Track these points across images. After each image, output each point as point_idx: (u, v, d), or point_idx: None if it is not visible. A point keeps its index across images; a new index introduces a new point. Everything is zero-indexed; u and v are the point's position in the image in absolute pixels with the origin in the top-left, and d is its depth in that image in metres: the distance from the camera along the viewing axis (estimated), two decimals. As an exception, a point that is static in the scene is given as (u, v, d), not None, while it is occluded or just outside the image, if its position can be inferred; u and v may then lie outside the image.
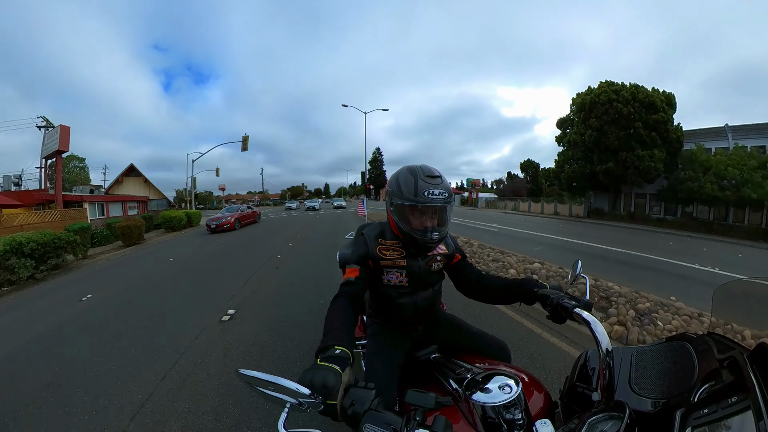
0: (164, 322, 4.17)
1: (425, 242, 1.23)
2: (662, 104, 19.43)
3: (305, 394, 0.67)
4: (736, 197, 16.55)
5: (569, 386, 0.98)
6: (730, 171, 16.74)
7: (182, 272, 7.23)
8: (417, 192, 1.16)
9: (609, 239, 12.67)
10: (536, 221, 21.30)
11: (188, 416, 2.34)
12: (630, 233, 15.76)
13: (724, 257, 9.68)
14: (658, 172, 19.77)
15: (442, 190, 1.18)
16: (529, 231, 15.07)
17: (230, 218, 16.13)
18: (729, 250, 11.93)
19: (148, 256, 10.05)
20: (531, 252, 8.33)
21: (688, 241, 14.08)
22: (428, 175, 1.19)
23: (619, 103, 19.43)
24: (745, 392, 0.53)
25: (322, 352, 0.86)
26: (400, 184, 1.22)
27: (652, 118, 19.14)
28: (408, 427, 0.66)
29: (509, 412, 0.87)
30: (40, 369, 3.11)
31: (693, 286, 5.76)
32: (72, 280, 7.29)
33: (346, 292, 1.17)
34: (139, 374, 2.90)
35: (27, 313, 5.02)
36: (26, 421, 2.37)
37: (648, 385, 0.78)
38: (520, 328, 3.65)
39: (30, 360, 3.32)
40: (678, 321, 3.60)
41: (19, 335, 4.02)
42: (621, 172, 20.47)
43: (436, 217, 1.24)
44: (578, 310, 1.00)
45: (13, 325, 4.45)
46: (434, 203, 1.17)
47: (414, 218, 1.23)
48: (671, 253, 9.73)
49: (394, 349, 1.36)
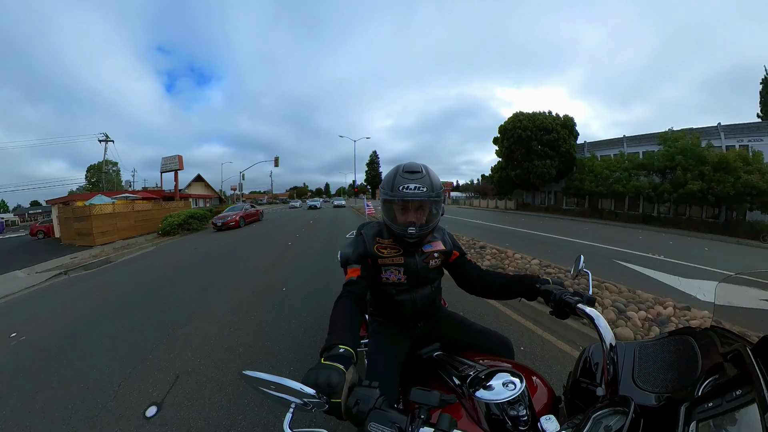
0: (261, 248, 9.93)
1: (402, 236, 1.25)
2: (556, 126, 27.07)
3: (309, 394, 0.67)
4: (608, 191, 22.90)
5: (573, 382, 0.98)
6: (605, 173, 22.88)
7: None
8: (393, 187, 1.20)
9: (521, 223, 17.20)
10: (478, 212, 28.60)
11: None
12: (539, 219, 20.84)
13: (602, 234, 13.30)
14: (551, 177, 27.51)
15: (419, 184, 1.18)
16: (465, 218, 20.41)
17: (235, 216, 17.20)
18: (607, 230, 15.44)
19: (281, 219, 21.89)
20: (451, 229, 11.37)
21: (579, 224, 18.83)
22: (407, 171, 1.21)
23: (519, 129, 28.04)
24: (750, 385, 0.53)
25: (326, 351, 0.86)
26: (384, 180, 1.28)
27: (546, 137, 26.99)
28: (413, 426, 0.66)
29: (513, 408, 0.87)
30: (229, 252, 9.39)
31: (561, 250, 8.66)
32: (204, 233, 15.98)
33: (350, 292, 1.17)
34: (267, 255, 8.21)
35: (198, 238, 13.61)
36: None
37: (652, 379, 0.78)
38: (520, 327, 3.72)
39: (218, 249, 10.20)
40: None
41: (202, 247, 10.52)
42: (526, 176, 28.66)
43: (419, 214, 1.25)
44: (581, 305, 1.00)
45: (197, 242, 12.19)
46: (408, 197, 1.19)
47: (395, 213, 1.26)
48: (558, 231, 13.71)
49: (395, 347, 1.36)
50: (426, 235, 1.30)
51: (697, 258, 8.58)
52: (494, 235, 11.98)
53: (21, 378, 2.95)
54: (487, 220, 19.07)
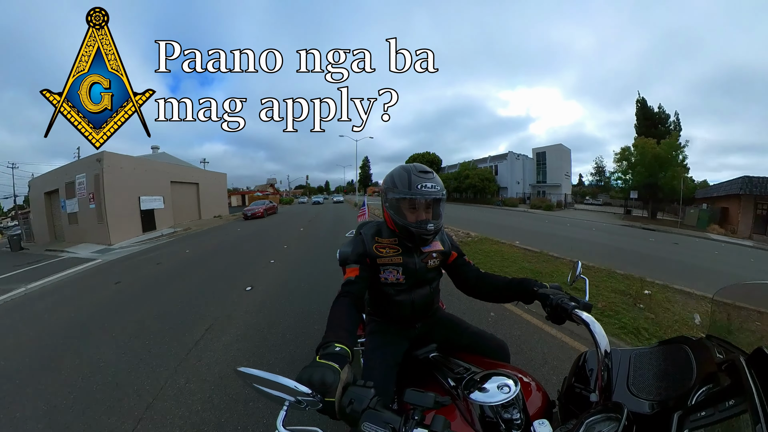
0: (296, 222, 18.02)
1: (420, 234, 1.25)
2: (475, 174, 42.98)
3: (303, 392, 0.67)
4: (464, 186, 41.21)
5: (567, 387, 0.98)
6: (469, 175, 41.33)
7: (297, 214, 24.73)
8: (411, 185, 1.22)
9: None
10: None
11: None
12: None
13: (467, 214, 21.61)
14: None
15: (434, 183, 1.22)
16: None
17: (260, 209, 23.08)
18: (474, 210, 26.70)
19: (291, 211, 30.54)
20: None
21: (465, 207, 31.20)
22: (421, 171, 1.25)
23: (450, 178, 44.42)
24: (743, 396, 0.53)
25: (322, 348, 0.85)
26: (394, 180, 1.28)
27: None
28: (407, 426, 0.66)
29: (507, 411, 0.87)
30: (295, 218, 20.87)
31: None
32: (237, 221, 21.30)
33: (348, 292, 1.17)
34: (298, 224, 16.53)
35: (238, 223, 19.87)
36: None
37: (646, 386, 0.78)
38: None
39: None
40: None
41: (252, 226, 17.17)
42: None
43: (430, 211, 1.27)
44: (577, 311, 1.00)
45: (241, 225, 18.56)
46: (427, 195, 1.21)
47: (409, 212, 1.26)
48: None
49: (392, 348, 1.36)
50: (440, 230, 1.32)
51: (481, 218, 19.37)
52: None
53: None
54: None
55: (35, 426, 2.26)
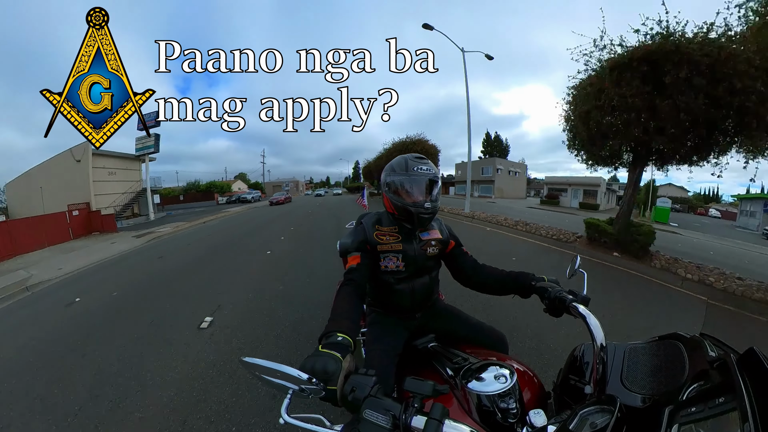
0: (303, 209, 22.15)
1: (419, 213, 1.29)
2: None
3: (306, 381, 0.69)
4: None
5: (563, 378, 1.00)
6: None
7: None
8: (408, 167, 1.31)
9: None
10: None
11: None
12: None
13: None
14: None
15: (429, 167, 1.31)
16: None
17: (283, 198, 31.96)
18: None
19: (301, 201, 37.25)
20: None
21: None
22: (416, 157, 1.34)
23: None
24: (732, 394, 0.54)
25: (325, 338, 0.87)
26: (393, 166, 1.36)
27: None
28: (406, 414, 0.68)
29: (504, 401, 0.89)
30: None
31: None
32: (264, 207, 28.42)
33: (351, 280, 1.19)
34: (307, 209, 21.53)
35: (266, 207, 27.05)
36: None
37: (639, 381, 0.80)
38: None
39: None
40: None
41: (276, 210, 22.70)
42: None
43: (427, 193, 1.31)
44: (575, 303, 1.02)
45: (269, 208, 25.27)
46: (423, 176, 1.29)
47: (407, 194, 1.30)
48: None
49: (392, 338, 1.37)
50: (437, 211, 1.36)
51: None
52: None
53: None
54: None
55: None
